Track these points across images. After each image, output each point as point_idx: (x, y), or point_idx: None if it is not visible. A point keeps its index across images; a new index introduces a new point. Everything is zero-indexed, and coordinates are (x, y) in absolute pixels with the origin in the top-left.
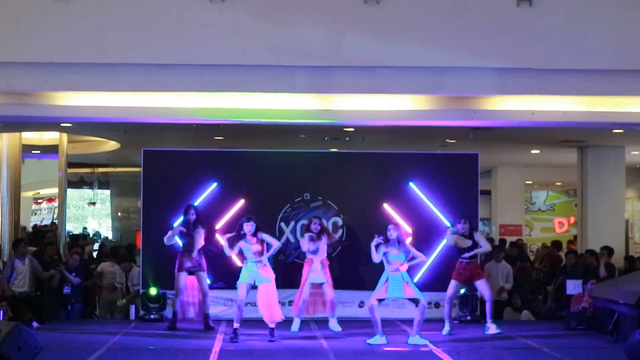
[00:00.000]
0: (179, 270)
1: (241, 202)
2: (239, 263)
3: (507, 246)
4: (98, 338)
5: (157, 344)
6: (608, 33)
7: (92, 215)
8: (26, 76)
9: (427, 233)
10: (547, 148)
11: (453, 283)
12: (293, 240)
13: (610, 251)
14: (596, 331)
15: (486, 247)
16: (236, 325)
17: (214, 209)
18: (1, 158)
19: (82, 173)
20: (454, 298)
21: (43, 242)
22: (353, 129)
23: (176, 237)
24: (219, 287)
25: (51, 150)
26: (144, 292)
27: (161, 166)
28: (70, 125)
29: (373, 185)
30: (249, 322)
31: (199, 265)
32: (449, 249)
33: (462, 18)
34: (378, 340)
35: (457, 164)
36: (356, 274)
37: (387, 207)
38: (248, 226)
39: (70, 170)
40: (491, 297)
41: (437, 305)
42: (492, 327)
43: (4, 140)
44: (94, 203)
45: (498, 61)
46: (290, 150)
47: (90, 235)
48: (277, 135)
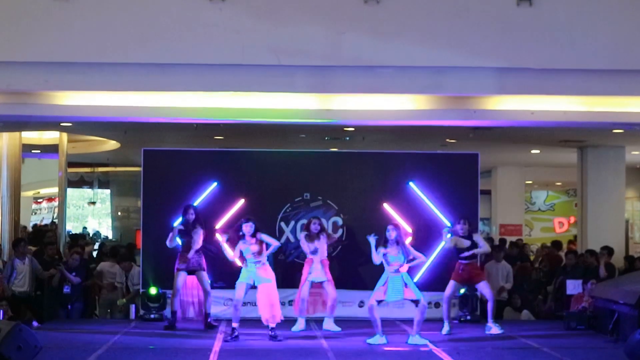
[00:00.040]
0: (178, 269)
1: (241, 202)
2: (240, 263)
3: (507, 246)
4: (98, 338)
5: (157, 344)
6: (608, 33)
7: (92, 214)
8: (26, 76)
9: (427, 233)
10: (547, 148)
11: (451, 283)
12: (293, 239)
13: (610, 251)
14: (596, 331)
15: (485, 248)
16: (235, 324)
17: (214, 209)
18: (1, 157)
19: (82, 172)
20: (452, 298)
21: (43, 242)
22: (353, 129)
23: (177, 238)
24: (219, 287)
25: (51, 149)
26: (144, 292)
27: (161, 166)
28: (70, 124)
29: (373, 185)
30: (249, 322)
31: (199, 265)
32: (449, 249)
33: (462, 18)
34: (378, 340)
35: (457, 164)
36: (356, 274)
37: (387, 207)
38: (247, 227)
39: (70, 169)
40: (492, 297)
41: (437, 305)
42: (494, 327)
43: (4, 139)
44: (94, 202)
45: (498, 61)
46: (290, 150)
47: (90, 234)
48: (277, 135)
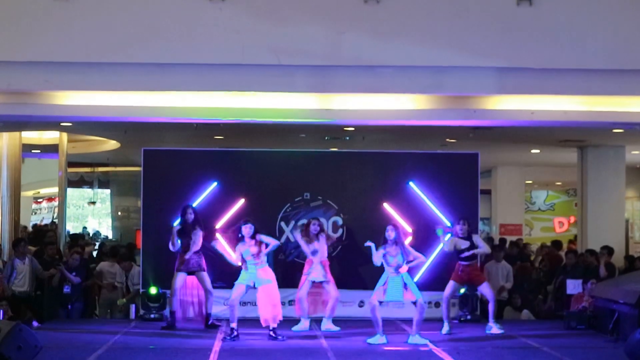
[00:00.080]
0: (178, 270)
1: (241, 202)
2: (240, 263)
3: (507, 246)
4: (98, 337)
5: (157, 344)
6: (608, 33)
7: (92, 214)
8: (26, 75)
9: (427, 233)
10: (547, 147)
11: (451, 283)
12: (293, 239)
13: (610, 251)
14: (596, 331)
15: (485, 249)
16: (233, 324)
17: (214, 209)
18: (1, 157)
19: (82, 172)
20: (452, 298)
21: (44, 242)
22: (353, 129)
23: (178, 241)
24: (219, 287)
25: (51, 149)
26: (144, 292)
27: (161, 165)
28: (70, 124)
29: (373, 184)
30: (249, 322)
31: (199, 266)
32: (448, 252)
33: (462, 18)
34: (378, 339)
35: (457, 164)
36: (356, 274)
37: (387, 207)
38: (246, 228)
39: (70, 169)
40: (494, 298)
41: (438, 304)
42: (495, 327)
43: (4, 139)
44: (94, 202)
45: (498, 61)
46: (290, 149)
47: (90, 234)
48: (277, 134)
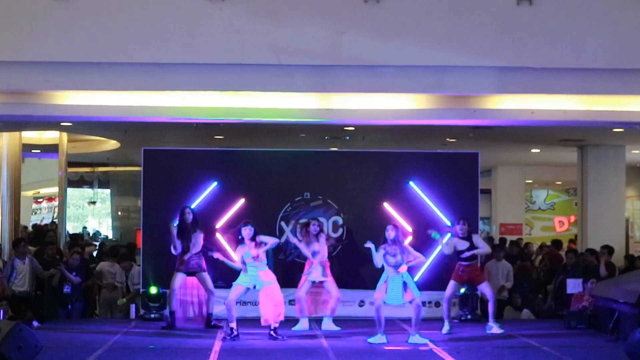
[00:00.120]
0: (177, 270)
1: (241, 202)
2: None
3: (507, 245)
4: (98, 337)
5: (158, 343)
6: (608, 32)
7: (92, 214)
8: (26, 75)
9: (427, 232)
10: (547, 147)
11: (452, 283)
12: (293, 239)
13: (610, 250)
14: (596, 330)
15: (485, 249)
16: (232, 324)
17: (214, 208)
18: (1, 157)
19: (82, 172)
20: (453, 297)
21: (44, 242)
22: (353, 128)
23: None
24: (220, 287)
25: (51, 149)
26: (144, 291)
27: (161, 165)
28: (70, 124)
29: (373, 184)
30: (249, 322)
31: (199, 266)
32: (448, 254)
33: (462, 17)
34: (379, 339)
35: (458, 163)
36: (356, 273)
37: (387, 206)
38: (246, 230)
39: (70, 169)
40: (494, 298)
41: (438, 304)
42: (495, 327)
43: (4, 139)
44: (94, 202)
45: (498, 60)
46: (290, 149)
47: (90, 234)
48: (277, 134)
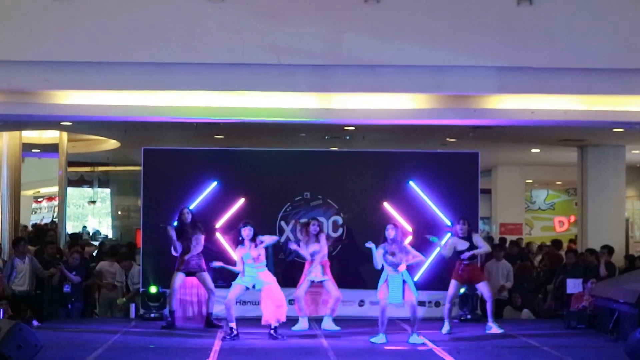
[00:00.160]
0: (177, 270)
1: (241, 201)
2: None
3: (507, 245)
4: (98, 337)
5: (157, 343)
6: (608, 32)
7: (92, 214)
8: (26, 75)
9: (427, 232)
10: (547, 147)
11: (453, 283)
12: (293, 238)
13: (610, 250)
14: (596, 330)
15: (485, 248)
16: (232, 324)
17: (214, 208)
18: (1, 157)
19: (82, 172)
20: (455, 297)
21: (44, 241)
22: (353, 128)
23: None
24: (220, 286)
25: (51, 148)
26: (144, 291)
27: (161, 165)
28: (70, 124)
29: (373, 184)
30: (249, 321)
31: (199, 267)
32: (448, 255)
33: (463, 17)
34: (381, 339)
35: (458, 163)
36: (356, 273)
37: (387, 206)
38: (245, 231)
39: (70, 168)
40: (491, 298)
41: (438, 304)
42: (494, 327)
43: (4, 139)
44: (94, 202)
45: (498, 60)
46: (290, 149)
47: (89, 233)
48: (278, 134)
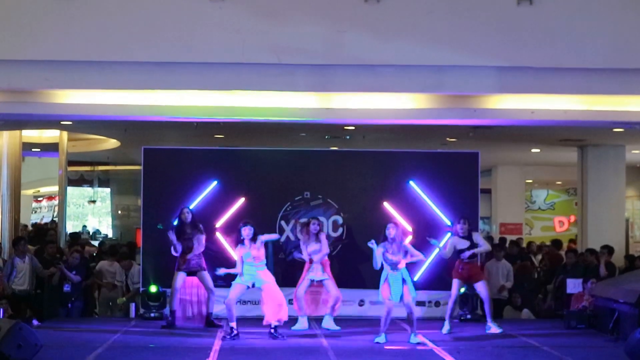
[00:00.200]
0: (178, 269)
1: (241, 201)
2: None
3: (507, 245)
4: (98, 336)
5: (157, 342)
6: (608, 32)
7: (92, 213)
8: (26, 74)
9: (428, 232)
10: (548, 147)
11: (456, 282)
12: (293, 238)
13: (610, 250)
14: (596, 330)
15: (485, 247)
16: (232, 324)
17: (214, 208)
18: (1, 156)
19: (82, 171)
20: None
21: (44, 240)
22: (353, 128)
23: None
24: (219, 286)
25: (51, 148)
26: (144, 290)
27: (161, 164)
28: (70, 123)
29: (373, 183)
30: (249, 321)
31: (199, 266)
32: (449, 255)
33: (463, 17)
34: (384, 338)
35: (458, 163)
36: (356, 273)
37: (387, 206)
38: (246, 230)
39: (70, 168)
40: (488, 298)
41: (438, 304)
42: (493, 327)
43: (5, 138)
44: (94, 201)
45: (498, 60)
46: (290, 148)
47: (90, 233)
48: (278, 133)
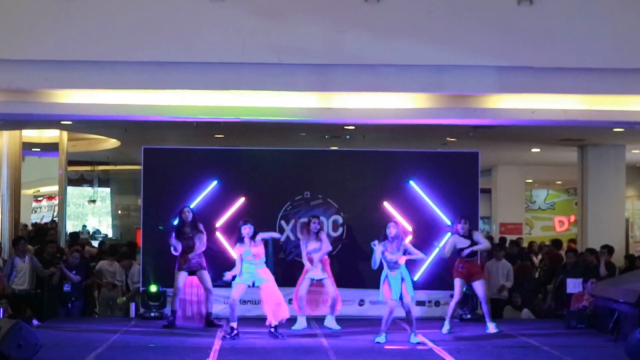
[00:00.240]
0: (179, 269)
1: (241, 200)
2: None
3: (507, 245)
4: (98, 336)
5: (157, 342)
6: (608, 32)
7: (92, 213)
8: (26, 74)
9: (427, 231)
10: (548, 146)
11: (458, 281)
12: (293, 238)
13: (610, 250)
14: (596, 330)
15: (485, 245)
16: (233, 324)
17: (214, 207)
18: (1, 156)
19: (82, 171)
20: (461, 295)
21: (45, 240)
22: (353, 127)
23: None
24: (219, 285)
25: (51, 148)
26: (144, 290)
27: (161, 164)
28: (70, 123)
29: (373, 183)
30: (249, 320)
31: (199, 265)
32: (449, 255)
33: (463, 16)
34: (384, 338)
35: (458, 163)
36: (356, 272)
37: (388, 206)
38: (246, 229)
39: (70, 168)
40: (485, 298)
41: (438, 303)
42: (491, 327)
43: (5, 137)
44: (94, 201)
45: (498, 59)
46: (290, 148)
47: (90, 233)
48: (278, 133)
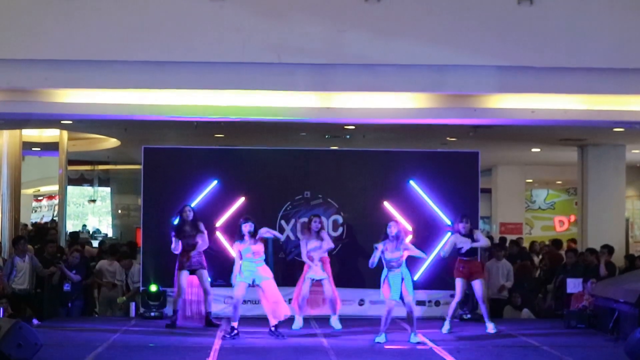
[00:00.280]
0: (180, 269)
1: (241, 200)
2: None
3: (508, 244)
4: (98, 335)
5: (157, 342)
6: (609, 31)
7: (92, 212)
8: (27, 73)
9: (428, 231)
10: (548, 146)
11: (459, 282)
12: (293, 238)
13: (610, 250)
14: (596, 330)
15: (485, 242)
16: (234, 323)
17: (215, 207)
18: (1, 155)
19: (83, 170)
20: (463, 294)
21: (45, 239)
22: (353, 127)
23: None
24: (219, 285)
25: (51, 147)
26: (145, 290)
27: (161, 164)
28: (70, 122)
29: (373, 183)
30: (249, 320)
31: (200, 264)
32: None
33: (463, 16)
34: (384, 338)
35: (458, 162)
36: (356, 272)
37: (388, 205)
38: (246, 227)
39: (70, 167)
40: (482, 298)
41: (438, 303)
42: (490, 326)
43: (5, 137)
44: (94, 200)
45: (499, 59)
46: (290, 148)
47: (90, 232)
48: (278, 132)
